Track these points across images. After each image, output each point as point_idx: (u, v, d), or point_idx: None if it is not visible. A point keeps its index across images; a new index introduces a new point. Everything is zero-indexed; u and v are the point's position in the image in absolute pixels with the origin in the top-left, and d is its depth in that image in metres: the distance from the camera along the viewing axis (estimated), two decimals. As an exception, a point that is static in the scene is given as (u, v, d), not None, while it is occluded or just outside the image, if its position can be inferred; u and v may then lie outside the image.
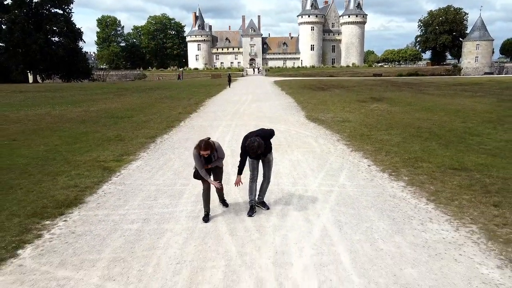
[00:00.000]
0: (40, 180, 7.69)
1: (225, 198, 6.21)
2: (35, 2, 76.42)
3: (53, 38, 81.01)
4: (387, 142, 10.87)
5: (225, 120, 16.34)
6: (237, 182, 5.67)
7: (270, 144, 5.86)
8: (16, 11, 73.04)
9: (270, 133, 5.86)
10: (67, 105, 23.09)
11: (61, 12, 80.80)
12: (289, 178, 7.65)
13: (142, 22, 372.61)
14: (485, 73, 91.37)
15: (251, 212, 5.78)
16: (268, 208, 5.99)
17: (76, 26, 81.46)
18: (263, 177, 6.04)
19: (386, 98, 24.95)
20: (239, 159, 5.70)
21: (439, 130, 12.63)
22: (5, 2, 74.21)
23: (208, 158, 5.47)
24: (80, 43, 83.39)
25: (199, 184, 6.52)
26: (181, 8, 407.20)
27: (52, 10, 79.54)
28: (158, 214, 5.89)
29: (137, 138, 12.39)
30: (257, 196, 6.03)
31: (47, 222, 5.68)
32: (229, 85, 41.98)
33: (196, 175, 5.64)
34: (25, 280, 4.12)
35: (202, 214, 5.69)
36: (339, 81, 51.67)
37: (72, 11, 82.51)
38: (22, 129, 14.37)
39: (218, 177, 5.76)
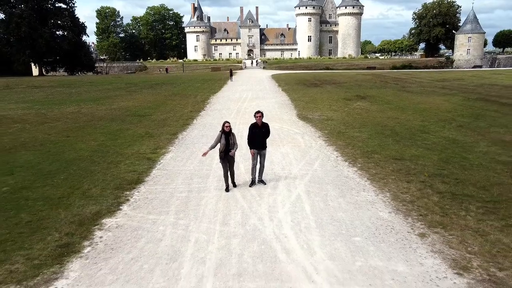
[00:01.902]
0: (108, 167, 11.14)
1: (234, 181, 9.51)
2: (39, -3, 79.01)
3: (58, 32, 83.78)
4: (356, 139, 14.33)
5: (229, 118, 19.70)
6: (252, 154, 9.21)
7: (266, 144, 9.33)
8: (22, 5, 75.71)
9: (268, 129, 9.32)
10: (89, 103, 26.37)
11: (65, 6, 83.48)
12: (280, 165, 11.12)
13: (139, 10, 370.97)
14: (475, 66, 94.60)
15: (252, 184, 9.30)
16: (265, 184, 9.46)
17: (80, 20, 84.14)
18: (260, 164, 9.50)
19: (369, 96, 28.33)
20: (245, 150, 9.26)
21: (399, 128, 16.10)
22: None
23: (227, 138, 8.80)
24: (84, 37, 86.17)
25: (219, 169, 9.99)
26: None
27: (56, 5, 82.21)
28: (196, 188, 9.36)
29: (162, 135, 15.81)
30: (257, 177, 9.49)
31: (127, 192, 9.14)
32: (231, 78, 47.20)
33: (221, 157, 9.00)
34: (133, 219, 7.60)
35: (224, 187, 9.14)
36: (332, 75, 54.90)
37: (75, 5, 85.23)
38: (67, 126, 17.74)
39: (232, 164, 9.15)
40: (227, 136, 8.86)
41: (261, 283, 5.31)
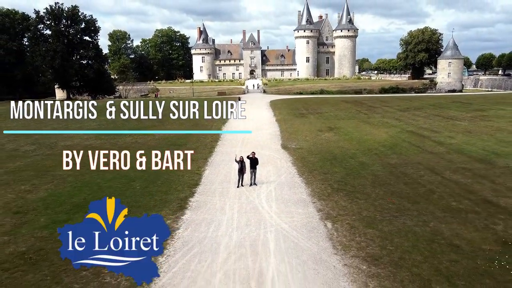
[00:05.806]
0: (178, 177, 22.12)
1: (243, 183, 20.52)
2: (69, 32, 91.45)
3: (83, 61, 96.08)
4: (310, 162, 25.29)
5: (237, 147, 30.72)
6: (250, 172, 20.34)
7: (256, 166, 20.40)
8: (55, 39, 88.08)
9: (257, 160, 20.36)
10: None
11: (90, 39, 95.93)
12: (264, 177, 22.08)
13: (142, 25, 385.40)
14: (449, 91, 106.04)
15: (250, 185, 20.35)
16: (256, 185, 20.44)
17: (103, 52, 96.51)
18: (254, 176, 20.46)
19: (337, 127, 39.31)
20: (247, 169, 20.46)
21: (339, 155, 27.01)
22: (45, 33, 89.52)
23: (241, 163, 19.81)
24: (106, 66, 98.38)
25: (234, 178, 20.98)
26: (180, 11, 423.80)
27: (83, 38, 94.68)
28: (226, 186, 20.39)
29: (199, 159, 26.80)
30: (253, 182, 20.47)
31: (194, 189, 20.16)
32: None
33: (238, 171, 20.02)
34: (201, 198, 18.61)
35: (240, 186, 20.14)
36: (320, 103, 66.04)
37: (98, 38, 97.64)
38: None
39: (243, 174, 20.16)
40: (241, 162, 19.92)
41: (252, 215, 16.31)
